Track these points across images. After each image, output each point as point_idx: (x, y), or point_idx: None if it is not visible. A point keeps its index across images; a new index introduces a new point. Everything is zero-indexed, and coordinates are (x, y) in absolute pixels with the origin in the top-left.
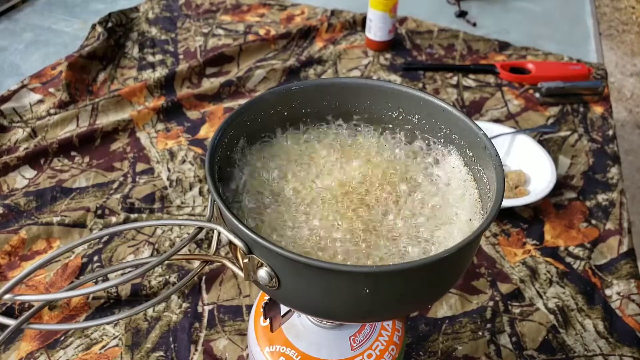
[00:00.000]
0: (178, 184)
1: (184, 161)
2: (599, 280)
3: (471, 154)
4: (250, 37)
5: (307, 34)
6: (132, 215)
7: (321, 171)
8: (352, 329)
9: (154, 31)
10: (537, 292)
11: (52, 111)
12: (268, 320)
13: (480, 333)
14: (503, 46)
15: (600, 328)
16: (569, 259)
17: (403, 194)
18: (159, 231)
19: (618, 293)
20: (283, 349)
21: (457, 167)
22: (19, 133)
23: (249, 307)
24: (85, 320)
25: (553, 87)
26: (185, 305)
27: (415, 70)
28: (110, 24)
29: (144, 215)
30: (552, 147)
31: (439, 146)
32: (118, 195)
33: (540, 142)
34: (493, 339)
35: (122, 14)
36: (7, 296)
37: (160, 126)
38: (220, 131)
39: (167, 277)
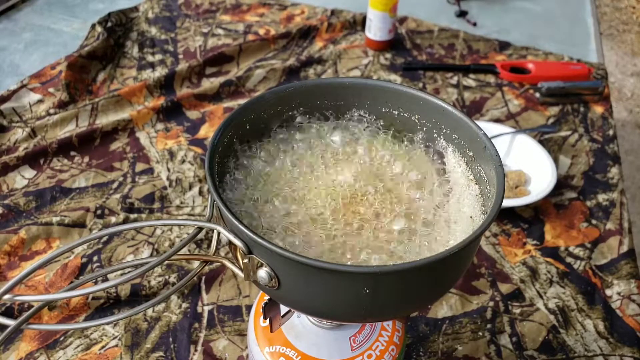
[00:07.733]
0: (178, 184)
1: (183, 161)
2: (600, 280)
3: (471, 153)
4: (250, 37)
5: (307, 33)
6: (132, 215)
7: (321, 171)
8: (352, 329)
9: (153, 31)
10: (538, 292)
11: (51, 111)
12: (268, 320)
13: (480, 333)
14: (503, 46)
15: (600, 328)
16: (569, 259)
17: (403, 193)
18: (158, 231)
19: (618, 293)
20: (283, 349)
21: (457, 167)
22: (18, 133)
23: (249, 307)
24: (85, 320)
25: (553, 87)
26: (185, 305)
27: (415, 70)
28: (110, 24)
29: (143, 215)
30: (553, 147)
31: (439, 146)
32: (118, 195)
33: (540, 142)
34: (493, 339)
35: (122, 14)
36: (6, 296)
37: (160, 126)
38: (220, 131)
39: (167, 277)
